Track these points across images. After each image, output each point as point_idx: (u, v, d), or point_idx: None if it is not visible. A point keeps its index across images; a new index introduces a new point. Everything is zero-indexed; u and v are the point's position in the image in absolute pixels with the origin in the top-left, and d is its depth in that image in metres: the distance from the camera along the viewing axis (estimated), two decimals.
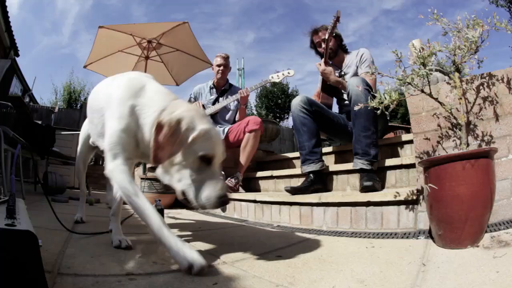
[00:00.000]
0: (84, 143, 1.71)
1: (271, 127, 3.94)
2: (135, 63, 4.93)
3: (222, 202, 1.02)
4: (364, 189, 1.81)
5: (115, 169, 1.11)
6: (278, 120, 14.10)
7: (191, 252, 0.96)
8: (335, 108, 2.58)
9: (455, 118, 1.30)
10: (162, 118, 1.02)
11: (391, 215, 1.59)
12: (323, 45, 2.41)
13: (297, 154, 2.72)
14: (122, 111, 1.13)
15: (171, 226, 1.63)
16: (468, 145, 1.26)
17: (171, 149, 0.99)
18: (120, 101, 1.15)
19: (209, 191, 1.02)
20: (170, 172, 1.06)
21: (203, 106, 3.08)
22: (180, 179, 1.05)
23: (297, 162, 2.74)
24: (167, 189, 3.21)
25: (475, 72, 1.35)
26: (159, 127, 1.00)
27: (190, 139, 1.00)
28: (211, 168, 1.05)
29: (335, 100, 2.58)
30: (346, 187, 2.17)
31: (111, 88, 1.25)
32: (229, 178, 2.70)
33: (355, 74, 2.34)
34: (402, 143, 2.20)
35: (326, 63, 2.38)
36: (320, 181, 2.19)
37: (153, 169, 1.14)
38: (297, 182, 2.37)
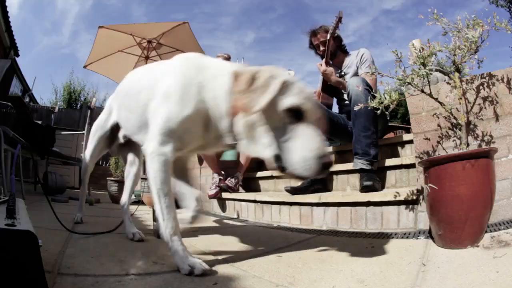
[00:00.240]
0: (100, 138, 1.54)
1: None
2: (135, 63, 4.93)
3: (322, 165, 0.83)
4: (364, 189, 1.81)
5: (157, 155, 1.00)
6: None
7: (194, 259, 0.95)
8: (335, 108, 2.58)
9: (455, 118, 1.30)
10: (236, 70, 0.91)
11: (391, 215, 1.59)
12: (322, 48, 2.41)
13: None
14: (187, 92, 0.99)
15: None
16: (468, 145, 1.26)
17: (253, 96, 0.85)
18: (183, 80, 1.01)
19: (305, 152, 0.84)
20: (255, 138, 0.92)
21: None
22: (268, 143, 0.89)
23: None
24: None
25: (475, 72, 1.35)
26: (236, 76, 0.89)
27: (273, 86, 0.86)
28: (304, 125, 0.88)
29: (335, 100, 2.58)
30: (346, 187, 2.17)
31: (164, 68, 1.13)
32: (229, 178, 2.70)
33: (355, 74, 2.34)
34: (402, 143, 2.20)
35: (327, 64, 2.38)
36: (320, 181, 2.19)
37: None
38: (297, 182, 2.37)
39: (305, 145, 0.85)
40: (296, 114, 0.87)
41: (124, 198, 1.57)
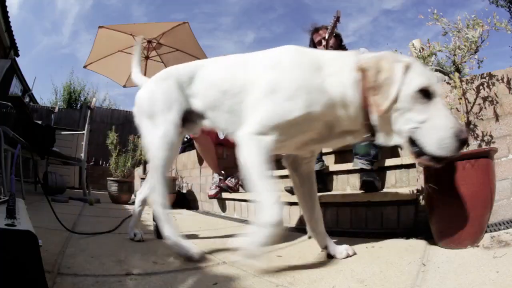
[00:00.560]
0: (179, 112, 1.21)
1: None
2: None
3: (460, 141, 0.83)
4: (363, 185, 1.80)
5: (252, 139, 0.94)
6: None
7: (264, 251, 0.90)
8: None
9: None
10: (360, 64, 0.90)
11: (391, 215, 1.59)
12: (323, 43, 2.40)
13: None
14: (306, 91, 0.94)
15: None
16: (468, 145, 1.26)
17: (381, 91, 0.85)
18: (298, 76, 0.96)
19: (441, 131, 0.84)
20: (389, 126, 0.90)
21: None
22: (401, 127, 0.88)
23: None
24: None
25: (475, 72, 1.35)
26: (362, 71, 0.89)
27: (397, 73, 0.86)
28: (435, 104, 0.87)
29: None
30: (346, 187, 2.17)
31: (270, 61, 1.05)
32: (229, 178, 2.70)
33: None
34: None
35: None
36: (320, 181, 2.19)
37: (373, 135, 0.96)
38: None
39: (440, 124, 0.84)
40: (426, 94, 0.86)
41: (140, 197, 1.51)
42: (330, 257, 1.15)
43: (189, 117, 1.26)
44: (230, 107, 1.12)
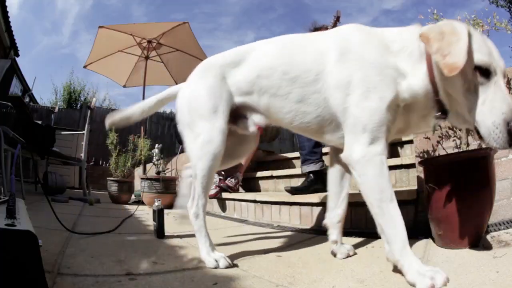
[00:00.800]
0: (226, 114, 1.11)
1: (271, 127, 3.92)
2: (135, 63, 4.94)
3: (510, 133, 0.74)
4: None
5: (371, 158, 0.87)
6: None
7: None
8: None
9: None
10: (420, 32, 0.83)
11: None
12: None
13: (297, 154, 2.72)
14: (383, 71, 0.88)
15: (172, 226, 1.63)
16: (468, 145, 1.26)
17: (455, 45, 0.76)
18: (371, 57, 0.90)
19: (493, 117, 0.75)
20: (458, 107, 0.83)
21: None
22: (468, 112, 0.80)
23: (297, 162, 2.74)
24: (167, 189, 3.21)
25: None
26: (425, 37, 0.81)
27: (462, 34, 0.77)
28: (495, 84, 0.77)
29: None
30: None
31: (340, 48, 0.96)
32: (229, 178, 2.70)
33: None
34: (402, 143, 2.20)
35: None
36: (320, 181, 2.19)
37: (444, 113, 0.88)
38: (297, 182, 2.37)
39: (492, 109, 0.76)
40: (484, 72, 0.78)
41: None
42: (330, 257, 1.15)
43: (239, 112, 1.16)
44: (301, 95, 1.01)
